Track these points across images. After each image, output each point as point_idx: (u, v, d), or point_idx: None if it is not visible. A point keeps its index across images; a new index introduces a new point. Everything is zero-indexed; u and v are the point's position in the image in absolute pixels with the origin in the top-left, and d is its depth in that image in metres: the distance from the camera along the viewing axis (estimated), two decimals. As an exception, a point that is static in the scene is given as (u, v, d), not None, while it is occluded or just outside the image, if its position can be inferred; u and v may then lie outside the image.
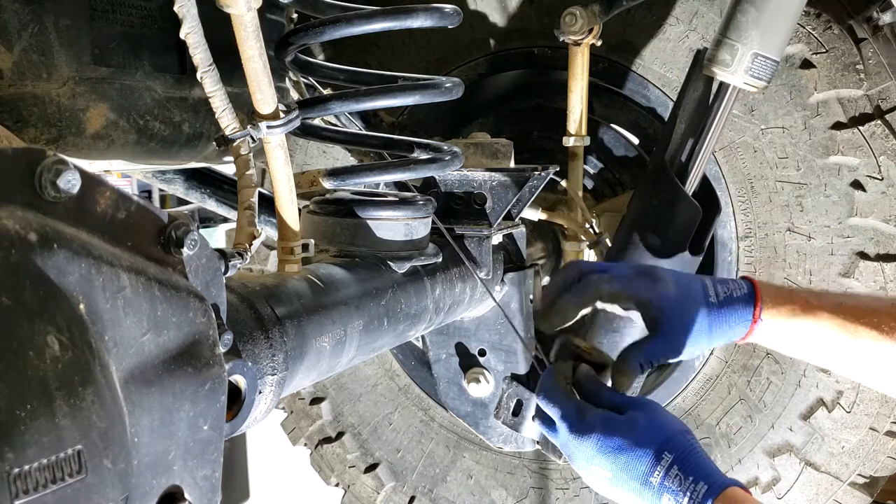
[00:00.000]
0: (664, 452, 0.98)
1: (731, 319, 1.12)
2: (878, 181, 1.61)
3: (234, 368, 0.82)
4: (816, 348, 1.12)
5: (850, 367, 1.13)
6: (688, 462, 0.97)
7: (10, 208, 0.54)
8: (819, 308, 1.10)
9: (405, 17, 1.15)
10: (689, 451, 0.99)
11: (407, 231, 1.25)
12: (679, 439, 1.00)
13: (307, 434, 2.22)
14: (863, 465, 1.70)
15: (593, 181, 2.44)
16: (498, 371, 1.61)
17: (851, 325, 1.08)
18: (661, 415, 1.05)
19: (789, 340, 1.13)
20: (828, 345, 1.10)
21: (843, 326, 1.08)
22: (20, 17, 0.98)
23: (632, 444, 0.99)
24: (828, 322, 1.09)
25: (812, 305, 1.11)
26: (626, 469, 0.99)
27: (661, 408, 1.07)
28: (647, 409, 1.04)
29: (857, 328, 1.07)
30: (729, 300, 1.13)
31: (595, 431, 1.02)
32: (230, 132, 1.03)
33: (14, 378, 0.51)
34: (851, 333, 1.08)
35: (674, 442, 1.00)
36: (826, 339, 1.09)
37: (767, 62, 1.31)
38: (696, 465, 0.97)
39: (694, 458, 0.98)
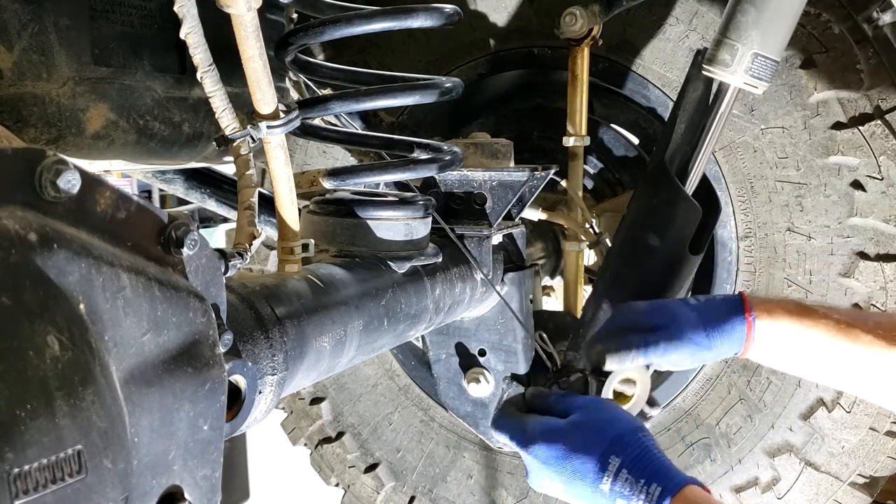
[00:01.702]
0: (611, 456, 0.92)
1: (724, 319, 1.08)
2: (878, 181, 1.61)
3: (234, 368, 0.82)
4: (815, 356, 1.08)
5: (849, 377, 1.09)
6: (638, 463, 0.92)
7: (10, 208, 0.54)
8: (814, 311, 1.08)
9: (405, 17, 1.15)
10: (640, 452, 0.93)
11: (407, 231, 1.25)
12: (627, 439, 0.94)
13: (307, 434, 2.22)
14: (863, 465, 1.70)
15: (593, 181, 2.44)
16: (498, 371, 1.61)
17: (849, 329, 1.05)
18: (608, 413, 0.99)
19: (787, 349, 1.09)
20: (826, 351, 1.07)
21: (839, 330, 1.06)
22: (20, 17, 0.98)
23: (576, 451, 0.94)
24: (824, 326, 1.06)
25: (807, 309, 1.09)
26: (574, 477, 0.93)
27: (609, 406, 1.02)
28: (592, 410, 0.99)
29: (855, 332, 1.05)
30: (713, 302, 1.11)
31: (537, 441, 0.97)
32: (230, 132, 1.03)
33: (14, 378, 0.51)
34: (850, 337, 1.05)
35: (622, 443, 0.94)
36: (824, 344, 1.06)
37: (767, 62, 1.31)
38: (648, 465, 0.92)
39: (645, 458, 0.93)
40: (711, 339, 1.09)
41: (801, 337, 1.07)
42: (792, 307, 1.09)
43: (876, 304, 1.64)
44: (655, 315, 1.12)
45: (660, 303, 1.16)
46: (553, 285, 2.37)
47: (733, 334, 1.08)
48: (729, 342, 1.09)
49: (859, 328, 1.05)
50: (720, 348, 1.09)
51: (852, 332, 1.05)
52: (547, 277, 2.24)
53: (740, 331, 1.08)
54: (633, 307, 1.16)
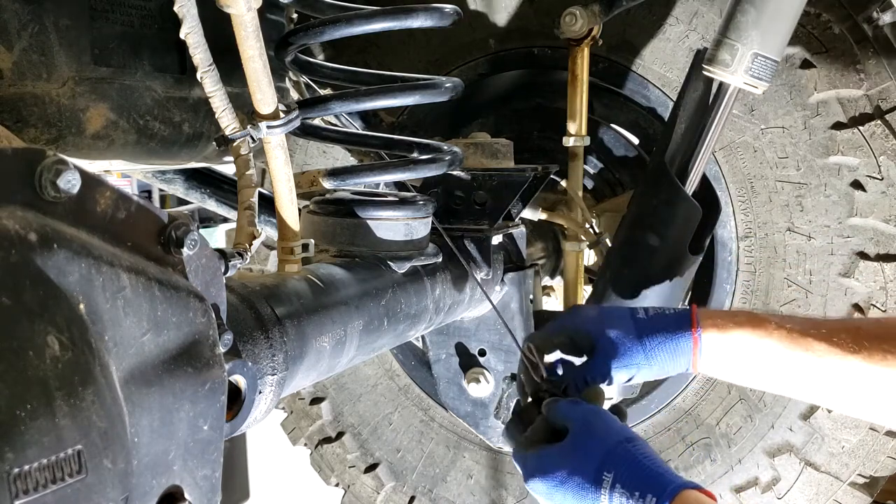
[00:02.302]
0: (603, 473, 0.92)
1: (665, 334, 1.07)
2: (878, 181, 1.61)
3: (234, 368, 0.82)
4: (768, 367, 1.06)
5: (806, 387, 1.07)
6: (631, 476, 0.92)
7: (10, 208, 0.54)
8: (767, 322, 1.05)
9: (405, 17, 1.15)
10: (631, 464, 0.93)
11: (407, 231, 1.25)
12: (617, 452, 0.94)
13: (307, 434, 2.22)
14: (863, 465, 1.70)
15: (593, 181, 2.44)
16: (498, 371, 1.61)
17: (802, 339, 1.03)
18: (597, 428, 0.99)
19: (739, 361, 1.07)
20: (780, 362, 1.04)
21: (792, 339, 1.03)
22: (20, 17, 0.98)
23: (570, 474, 0.94)
24: (777, 336, 1.04)
25: (758, 319, 1.06)
26: (576, 499, 0.94)
27: (603, 418, 1.01)
28: (586, 426, 0.99)
29: (808, 341, 1.02)
30: (659, 316, 1.10)
31: (536, 475, 0.98)
32: (230, 132, 1.03)
33: (14, 378, 0.51)
34: (803, 346, 1.03)
35: (612, 457, 0.94)
36: (777, 355, 1.04)
37: (767, 62, 1.31)
38: (641, 476, 0.91)
39: (637, 469, 0.92)
40: (650, 357, 1.08)
41: (753, 348, 1.05)
42: (743, 319, 1.07)
43: (876, 304, 1.64)
44: (596, 325, 1.10)
45: (604, 313, 1.14)
46: (553, 285, 2.37)
47: (677, 350, 1.07)
48: (672, 358, 1.08)
49: (812, 337, 1.03)
50: (663, 365, 1.08)
51: (805, 342, 1.03)
52: (547, 277, 2.24)
53: (685, 346, 1.07)
54: (582, 314, 1.15)
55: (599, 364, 1.08)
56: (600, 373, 1.08)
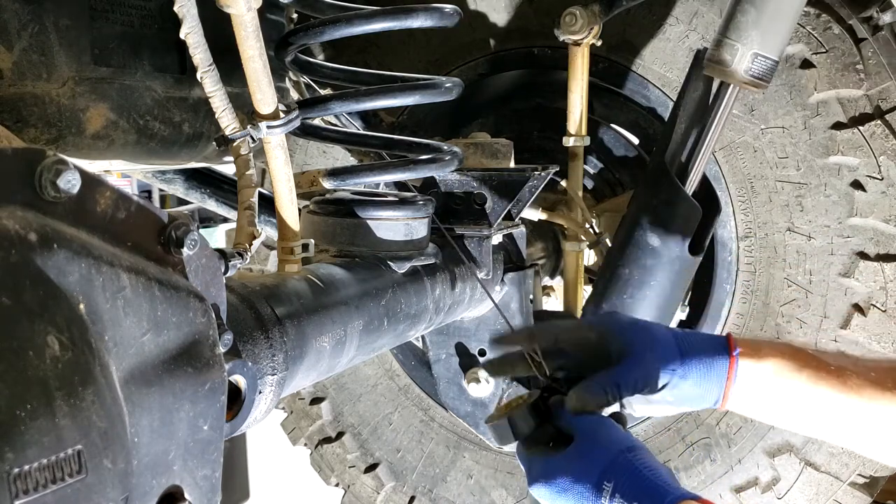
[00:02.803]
0: (603, 483, 0.92)
1: (702, 350, 1.03)
2: (878, 181, 1.61)
3: (234, 368, 0.82)
4: (803, 401, 1.02)
5: (839, 427, 1.03)
6: (630, 486, 0.91)
7: (10, 208, 0.54)
8: (804, 354, 1.02)
9: (405, 17, 1.15)
10: (631, 474, 0.92)
11: (407, 231, 1.25)
12: (619, 461, 0.94)
13: (307, 434, 2.22)
14: (863, 465, 1.70)
15: (593, 181, 2.44)
16: (498, 371, 1.61)
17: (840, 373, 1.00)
18: (601, 437, 0.98)
19: (773, 392, 1.03)
20: (815, 397, 1.01)
21: (830, 373, 1.00)
22: (20, 17, 0.98)
23: (572, 482, 0.94)
24: (814, 370, 1.00)
25: (797, 351, 1.02)
26: None
27: (602, 427, 1.00)
28: (589, 434, 0.98)
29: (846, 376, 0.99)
30: (696, 335, 1.07)
31: (539, 481, 0.98)
32: (230, 132, 1.03)
33: (14, 378, 0.50)
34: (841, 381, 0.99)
35: (613, 467, 0.93)
36: (812, 390, 1.00)
37: (767, 62, 1.31)
38: (640, 487, 0.91)
39: (636, 480, 0.92)
40: (687, 370, 1.03)
41: (788, 380, 1.02)
42: (782, 348, 1.04)
43: (876, 304, 1.64)
44: (634, 332, 1.07)
45: (643, 323, 1.11)
46: (553, 285, 2.37)
47: (712, 372, 1.03)
48: (707, 377, 1.04)
49: (851, 371, 1.00)
50: (697, 383, 1.04)
51: (843, 376, 1.00)
52: (547, 277, 2.24)
53: (721, 368, 1.03)
54: (618, 317, 1.12)
55: (637, 369, 1.03)
56: (633, 380, 1.03)
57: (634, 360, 1.04)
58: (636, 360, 1.04)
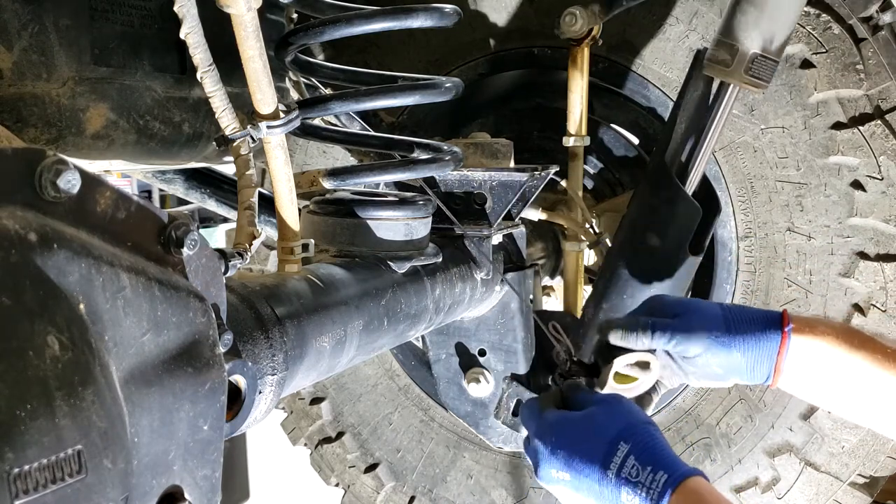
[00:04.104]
0: (619, 442, 0.92)
1: (749, 318, 1.03)
2: (878, 181, 1.61)
3: (234, 368, 0.82)
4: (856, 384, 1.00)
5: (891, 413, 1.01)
6: (645, 452, 0.91)
7: (10, 208, 0.54)
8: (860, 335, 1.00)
9: (405, 17, 1.15)
10: (648, 441, 0.92)
11: (407, 231, 1.25)
12: (637, 429, 0.94)
13: (307, 434, 2.22)
14: (863, 465, 1.70)
15: (593, 181, 2.44)
16: (498, 371, 1.61)
17: None
18: (623, 406, 0.99)
19: (825, 372, 1.01)
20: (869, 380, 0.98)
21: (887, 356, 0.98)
22: (20, 17, 0.98)
23: (586, 437, 0.94)
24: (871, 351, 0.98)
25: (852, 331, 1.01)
26: (581, 465, 0.93)
27: (625, 401, 1.01)
28: (608, 403, 0.99)
29: None
30: (747, 309, 1.06)
31: (550, 430, 0.97)
32: (230, 132, 1.03)
33: (14, 378, 0.50)
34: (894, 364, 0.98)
35: (631, 431, 0.93)
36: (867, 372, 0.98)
37: (767, 62, 1.31)
38: (655, 454, 0.91)
39: (652, 447, 0.92)
40: (733, 338, 1.02)
41: (843, 360, 0.99)
42: (838, 326, 1.02)
43: (876, 304, 1.64)
44: (681, 306, 1.09)
45: (691, 300, 1.13)
46: (553, 285, 2.37)
47: (761, 343, 1.02)
48: (755, 350, 1.02)
49: None
50: (744, 356, 1.02)
51: None
52: (547, 277, 2.24)
53: (772, 341, 1.01)
54: (662, 298, 1.14)
55: (672, 323, 1.05)
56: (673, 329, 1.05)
57: (677, 319, 1.06)
58: (679, 319, 1.06)
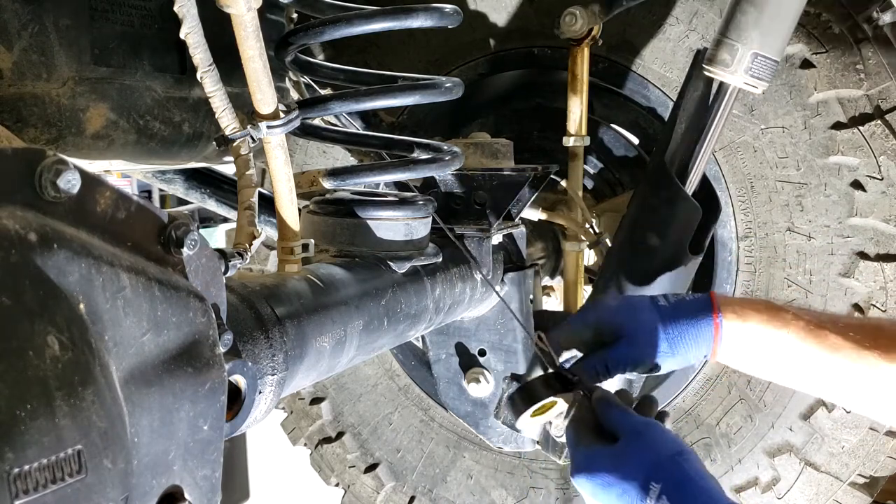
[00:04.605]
0: (651, 483, 0.91)
1: (687, 320, 1.07)
2: (878, 181, 1.61)
3: (234, 368, 0.82)
4: (785, 359, 1.05)
5: (821, 382, 1.06)
6: (678, 489, 0.91)
7: (10, 208, 0.54)
8: (785, 313, 1.05)
9: (405, 17, 1.15)
10: (681, 477, 0.92)
11: (407, 231, 1.25)
12: (668, 465, 0.93)
13: (307, 434, 2.22)
14: (863, 465, 1.70)
15: (593, 181, 2.44)
16: (498, 371, 1.61)
17: (819, 331, 1.02)
18: (653, 438, 0.98)
19: (756, 351, 1.06)
20: (796, 354, 1.03)
21: (809, 332, 1.02)
22: (20, 17, 0.98)
23: (618, 479, 0.94)
24: (794, 328, 1.03)
25: (777, 310, 1.05)
26: None
27: (657, 429, 1.00)
28: (638, 435, 0.98)
29: (824, 334, 1.02)
30: (681, 302, 1.10)
31: (583, 471, 0.98)
32: (230, 132, 1.03)
33: (14, 378, 0.50)
34: (819, 339, 1.02)
35: (662, 469, 0.92)
36: (793, 347, 1.03)
37: (767, 62, 1.31)
38: (689, 491, 0.90)
39: (686, 484, 0.91)
40: (674, 345, 1.08)
41: (770, 339, 1.05)
42: (762, 307, 1.07)
43: (876, 304, 1.64)
44: (620, 315, 1.11)
45: (627, 302, 1.15)
46: (553, 285, 2.37)
47: (699, 337, 1.07)
48: (695, 345, 1.08)
49: (829, 331, 1.02)
50: (685, 354, 1.08)
51: (821, 335, 1.02)
52: (547, 277, 2.24)
53: (707, 332, 1.07)
54: (604, 304, 1.17)
55: (623, 351, 1.09)
56: (622, 360, 1.09)
57: (624, 343, 1.09)
58: (625, 343, 1.09)
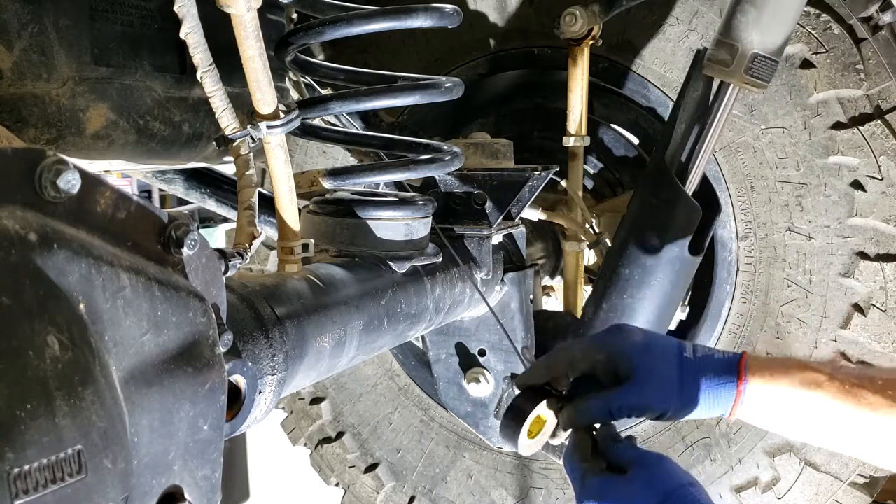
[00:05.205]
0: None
1: (709, 381, 1.02)
2: (878, 181, 1.61)
3: (234, 368, 0.82)
4: (817, 421, 0.99)
5: (856, 442, 1.01)
6: None
7: (10, 208, 0.54)
8: (819, 372, 0.99)
9: (405, 17, 1.15)
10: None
11: (407, 231, 1.25)
12: (680, 493, 0.92)
13: (307, 434, 2.22)
14: (863, 465, 1.70)
15: (593, 181, 2.44)
16: (498, 371, 1.61)
17: (856, 391, 0.97)
18: (663, 470, 0.97)
19: (784, 414, 1.01)
20: (830, 416, 0.98)
21: (844, 392, 0.97)
22: (20, 17, 0.98)
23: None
24: (827, 387, 0.98)
25: (810, 369, 1.00)
26: None
27: (666, 462, 0.98)
28: (649, 466, 0.97)
29: (862, 393, 0.96)
30: (707, 359, 1.03)
31: (592, 498, 0.96)
32: (230, 132, 1.03)
33: (14, 378, 0.51)
34: (856, 400, 0.97)
35: (674, 498, 0.92)
36: (827, 409, 0.98)
37: (767, 62, 1.31)
38: None
39: None
40: (687, 405, 1.02)
41: (802, 401, 0.99)
42: (794, 368, 1.01)
43: (876, 304, 1.64)
44: (638, 355, 1.04)
45: (650, 343, 1.06)
46: (553, 285, 2.37)
47: (717, 401, 1.02)
48: (710, 408, 1.03)
49: (867, 389, 0.97)
50: (698, 412, 1.03)
51: (858, 394, 0.97)
52: (547, 277, 2.24)
53: (727, 397, 1.02)
54: (628, 337, 1.08)
55: (632, 396, 1.02)
56: (629, 406, 1.02)
57: (634, 388, 1.02)
58: (636, 388, 1.02)
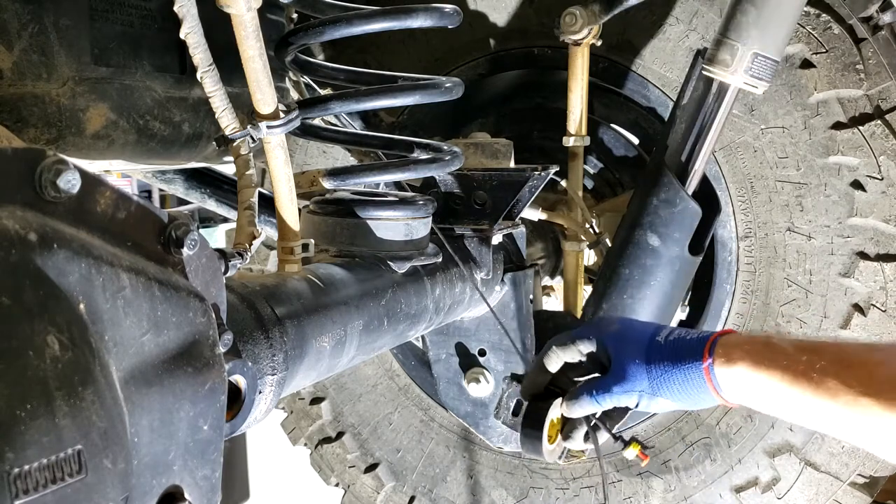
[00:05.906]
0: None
1: (673, 363, 1.03)
2: (878, 181, 1.61)
3: (234, 368, 0.82)
4: (779, 402, 0.97)
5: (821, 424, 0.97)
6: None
7: (10, 208, 0.54)
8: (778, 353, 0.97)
9: (405, 17, 1.15)
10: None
11: (407, 231, 1.25)
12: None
13: (307, 434, 2.22)
14: (863, 465, 1.70)
15: (593, 181, 2.44)
16: (498, 371, 1.61)
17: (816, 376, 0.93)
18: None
19: (751, 394, 1.00)
20: (788, 398, 0.96)
21: (798, 375, 0.94)
22: (20, 17, 0.98)
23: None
24: (783, 371, 0.95)
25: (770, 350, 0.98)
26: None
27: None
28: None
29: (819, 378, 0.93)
30: (679, 341, 1.04)
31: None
32: (230, 132, 1.03)
33: (14, 378, 0.51)
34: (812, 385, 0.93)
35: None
36: (784, 392, 0.96)
37: (767, 62, 1.31)
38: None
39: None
40: (657, 389, 1.04)
41: (759, 384, 0.98)
42: (756, 347, 0.99)
43: (876, 304, 1.64)
44: (612, 343, 1.09)
45: (623, 330, 1.11)
46: (553, 285, 2.37)
47: (686, 383, 1.02)
48: (683, 390, 1.03)
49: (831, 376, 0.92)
50: (673, 397, 1.04)
51: (818, 380, 0.93)
52: (547, 277, 2.24)
53: (695, 378, 1.02)
54: (604, 326, 1.13)
55: (610, 383, 1.07)
56: (609, 393, 1.07)
57: (611, 376, 1.08)
58: (612, 376, 1.08)
